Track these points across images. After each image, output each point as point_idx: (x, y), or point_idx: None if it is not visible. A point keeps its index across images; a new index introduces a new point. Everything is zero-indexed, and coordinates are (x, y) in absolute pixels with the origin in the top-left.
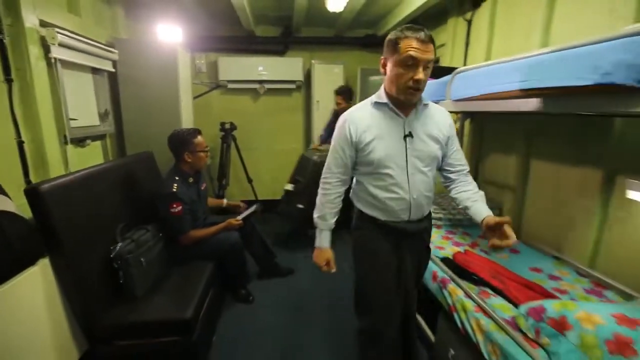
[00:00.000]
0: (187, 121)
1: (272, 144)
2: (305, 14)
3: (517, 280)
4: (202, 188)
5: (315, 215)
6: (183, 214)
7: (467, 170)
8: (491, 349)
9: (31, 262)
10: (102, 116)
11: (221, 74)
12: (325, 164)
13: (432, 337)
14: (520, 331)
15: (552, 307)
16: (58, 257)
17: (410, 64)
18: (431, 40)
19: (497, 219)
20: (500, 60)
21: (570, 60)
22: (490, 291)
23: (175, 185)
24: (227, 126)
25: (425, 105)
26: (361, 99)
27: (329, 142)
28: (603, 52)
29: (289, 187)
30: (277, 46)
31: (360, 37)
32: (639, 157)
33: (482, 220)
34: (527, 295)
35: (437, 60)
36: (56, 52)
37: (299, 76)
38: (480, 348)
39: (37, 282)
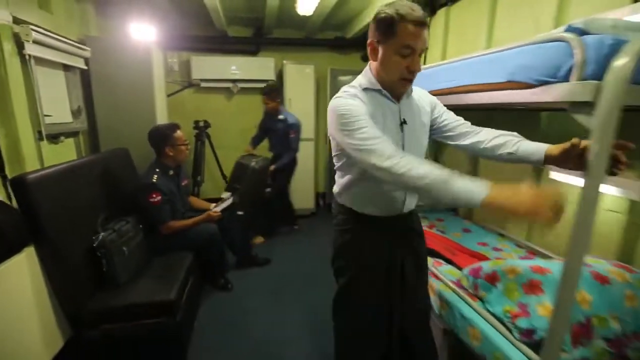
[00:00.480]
0: (161, 119)
1: (246, 141)
2: (276, 16)
3: (466, 252)
4: (183, 184)
5: (422, 183)
6: (162, 204)
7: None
8: (440, 304)
9: (18, 250)
10: (75, 113)
11: (194, 72)
12: (353, 142)
13: None
14: (464, 288)
15: (487, 266)
16: (43, 245)
17: (407, 53)
18: (427, 25)
19: (564, 145)
20: (451, 60)
21: (490, 63)
22: (442, 261)
23: (155, 176)
24: (201, 124)
25: (412, 89)
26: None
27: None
28: (510, 57)
29: (226, 195)
30: (250, 46)
31: (329, 39)
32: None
33: (547, 153)
34: (471, 262)
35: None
36: (30, 49)
37: (271, 75)
38: (432, 302)
39: (23, 270)
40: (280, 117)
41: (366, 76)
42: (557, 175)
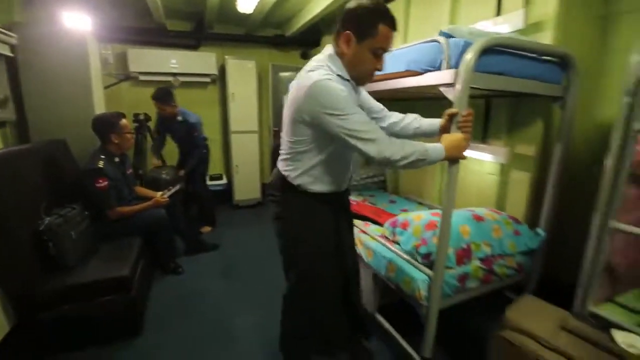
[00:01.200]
0: (100, 111)
1: None
2: (217, 11)
3: (390, 215)
4: (128, 172)
5: (409, 159)
6: (109, 189)
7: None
8: (368, 253)
9: None
10: (1, 102)
11: (131, 65)
12: (353, 128)
13: None
14: (385, 238)
15: (401, 217)
16: None
17: (381, 53)
18: None
19: (446, 115)
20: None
21: (395, 57)
22: (370, 222)
23: (101, 162)
24: (142, 117)
25: None
26: (273, 94)
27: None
28: (407, 53)
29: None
30: (190, 40)
31: (270, 36)
32: None
33: (440, 126)
34: None
35: None
36: None
37: (213, 70)
38: (361, 254)
39: None
40: (179, 118)
41: (336, 65)
42: None
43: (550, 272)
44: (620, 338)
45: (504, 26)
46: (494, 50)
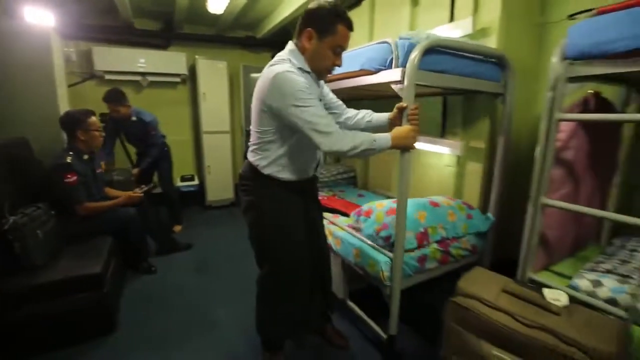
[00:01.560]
0: (64, 109)
1: None
2: (187, 11)
3: (357, 207)
4: (98, 171)
5: (363, 147)
6: (78, 184)
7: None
8: (336, 242)
9: None
10: None
11: (97, 64)
12: (309, 120)
13: None
14: (352, 227)
15: (365, 206)
16: None
17: (339, 51)
18: None
19: (396, 108)
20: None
21: (351, 58)
22: (339, 215)
23: (69, 157)
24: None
25: None
26: (245, 95)
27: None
28: (361, 53)
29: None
30: (159, 40)
31: (241, 37)
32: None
33: (389, 119)
34: None
35: None
36: None
37: (183, 70)
38: (331, 244)
39: None
40: (134, 118)
41: (297, 58)
42: (419, 144)
43: (501, 253)
44: (548, 294)
45: (457, 31)
46: (436, 50)
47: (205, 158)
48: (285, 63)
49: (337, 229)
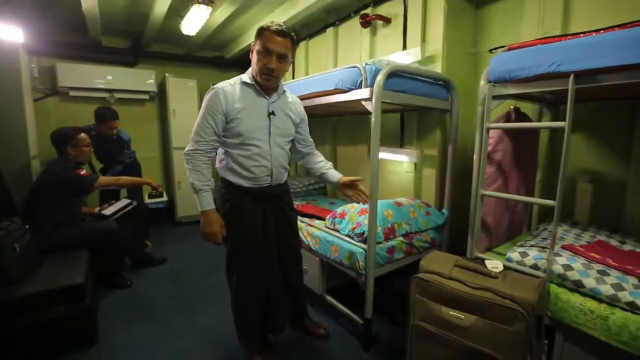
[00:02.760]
0: (31, 126)
1: None
2: (158, 31)
3: (330, 212)
4: None
5: (191, 180)
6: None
7: (314, 146)
8: (315, 241)
9: None
10: None
11: (61, 80)
12: (193, 134)
13: None
14: (328, 228)
15: (339, 209)
16: None
17: (266, 53)
18: (290, 38)
19: (351, 178)
20: (306, 77)
21: (325, 78)
22: (315, 219)
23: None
24: (93, 133)
25: (284, 92)
26: None
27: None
28: (335, 75)
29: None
30: (127, 57)
31: (210, 57)
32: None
33: (338, 181)
34: None
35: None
36: None
37: (151, 87)
38: (310, 244)
39: None
40: (115, 136)
41: (247, 73)
42: (383, 154)
43: (454, 244)
44: (489, 265)
45: (409, 57)
46: (396, 74)
47: (175, 174)
48: (230, 79)
49: (314, 229)
